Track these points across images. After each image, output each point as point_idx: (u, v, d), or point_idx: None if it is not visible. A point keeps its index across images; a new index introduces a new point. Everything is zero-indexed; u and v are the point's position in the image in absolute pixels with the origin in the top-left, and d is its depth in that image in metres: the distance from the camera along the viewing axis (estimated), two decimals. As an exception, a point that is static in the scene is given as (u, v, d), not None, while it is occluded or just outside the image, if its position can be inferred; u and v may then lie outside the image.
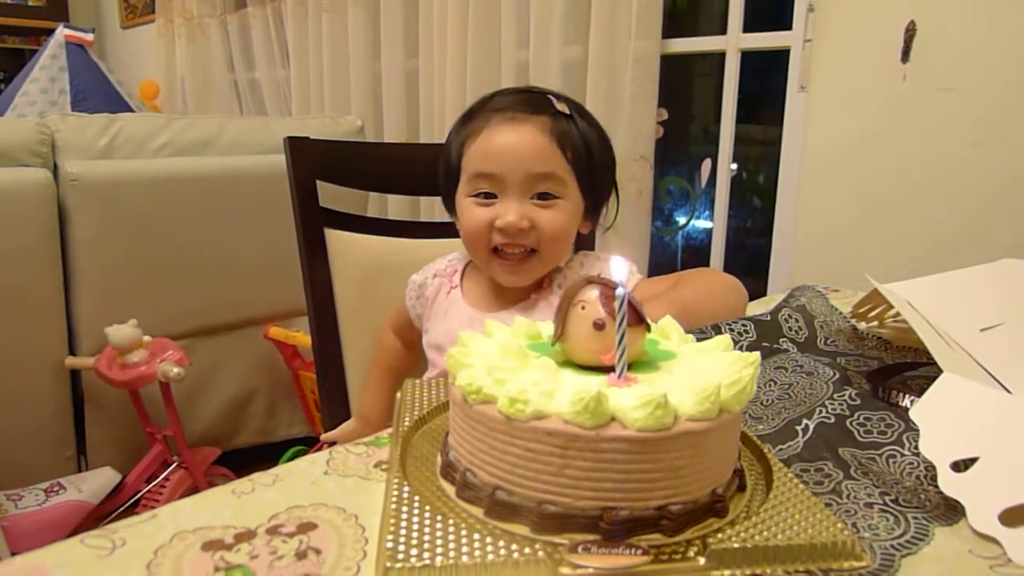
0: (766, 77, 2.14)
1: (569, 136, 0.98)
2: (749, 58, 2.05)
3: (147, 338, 1.82)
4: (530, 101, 1.00)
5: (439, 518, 0.48)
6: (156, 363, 1.79)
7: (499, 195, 0.97)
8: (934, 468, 0.56)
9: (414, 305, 1.15)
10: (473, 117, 1.02)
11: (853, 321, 1.02)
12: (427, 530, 0.47)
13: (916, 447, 0.62)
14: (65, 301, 1.88)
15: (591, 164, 1.00)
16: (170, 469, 1.92)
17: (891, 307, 0.96)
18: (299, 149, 1.22)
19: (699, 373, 0.52)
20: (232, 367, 2.19)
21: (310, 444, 2.25)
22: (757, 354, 0.53)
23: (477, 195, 0.99)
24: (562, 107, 0.99)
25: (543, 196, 0.97)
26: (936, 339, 0.76)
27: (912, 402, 0.66)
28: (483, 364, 0.51)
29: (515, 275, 1.01)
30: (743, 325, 0.92)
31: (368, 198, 2.29)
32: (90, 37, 3.28)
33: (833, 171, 1.85)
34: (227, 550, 0.48)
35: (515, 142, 0.96)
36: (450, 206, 1.07)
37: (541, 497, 0.48)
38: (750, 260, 2.35)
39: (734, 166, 2.13)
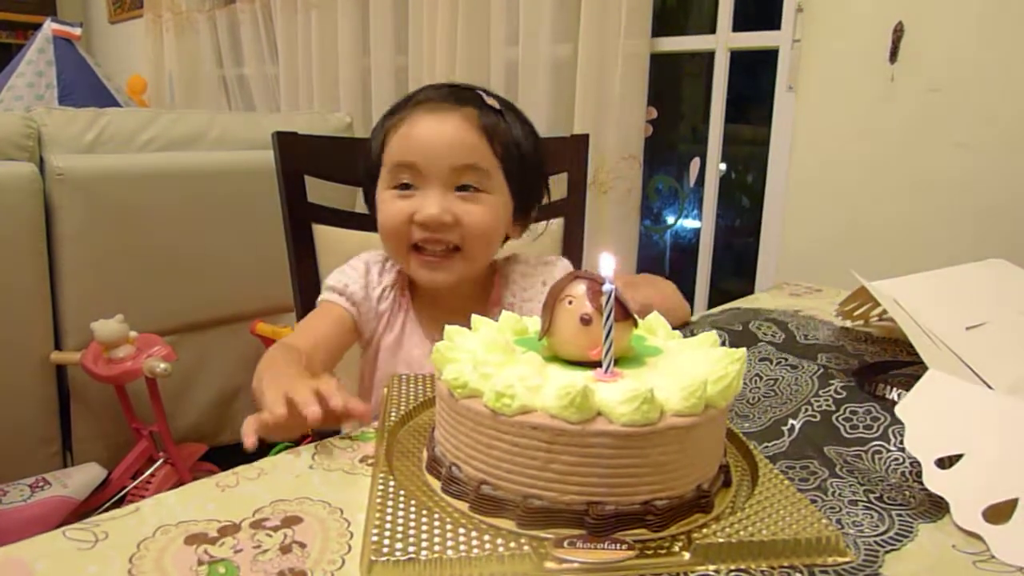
0: (755, 77, 2.15)
1: (497, 130, 0.93)
2: (738, 58, 2.05)
3: (133, 333, 1.81)
4: (457, 94, 0.96)
5: (424, 512, 0.48)
6: (142, 358, 1.78)
7: (420, 187, 0.92)
8: (919, 465, 0.56)
9: (365, 311, 1.00)
10: (397, 110, 0.98)
11: (831, 318, 1.02)
12: (412, 524, 0.47)
13: (902, 441, 0.62)
14: (51, 296, 1.86)
15: (522, 163, 0.95)
16: (156, 465, 1.91)
17: (877, 305, 0.96)
18: (287, 144, 1.21)
19: (685, 369, 0.52)
20: (219, 363, 2.18)
21: (296, 442, 2.23)
22: (743, 350, 0.53)
23: (397, 187, 0.94)
24: (492, 102, 0.95)
25: (466, 188, 0.92)
26: (922, 336, 0.76)
27: (899, 395, 0.66)
28: (469, 359, 0.51)
29: (435, 272, 0.94)
30: (718, 335, 0.92)
31: (356, 194, 2.28)
32: (78, 31, 3.25)
33: (821, 171, 1.86)
34: (211, 544, 0.48)
35: (438, 131, 0.91)
36: (370, 202, 1.02)
37: (527, 492, 0.48)
38: (738, 259, 2.36)
39: (723, 166, 2.14)
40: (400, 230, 0.93)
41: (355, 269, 1.02)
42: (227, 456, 0.69)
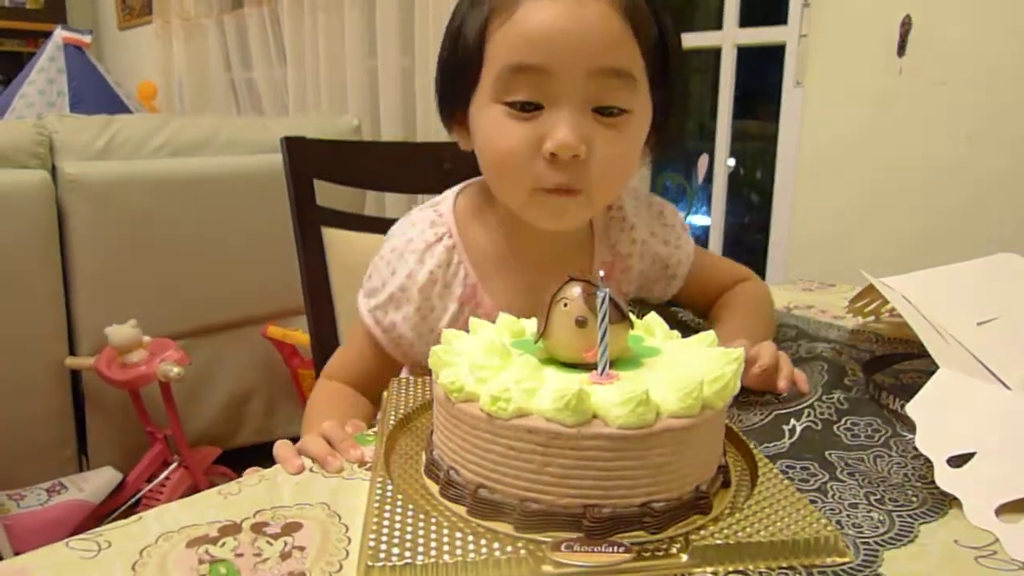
0: (762, 72, 2.14)
1: (644, 17, 0.69)
2: (745, 53, 2.04)
3: (146, 338, 1.82)
4: None
5: (422, 517, 0.48)
6: (156, 363, 1.79)
7: (546, 104, 0.68)
8: (923, 466, 0.56)
9: (420, 346, 0.80)
10: None
11: (844, 322, 1.03)
12: (409, 529, 0.47)
13: (904, 450, 0.62)
14: (65, 302, 1.88)
15: (666, 61, 0.72)
16: (171, 468, 1.92)
17: (887, 302, 0.96)
18: (296, 148, 1.21)
19: (682, 369, 0.52)
20: (231, 366, 2.19)
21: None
22: (741, 351, 0.52)
23: (512, 103, 0.69)
24: None
25: (608, 112, 0.69)
26: (931, 333, 0.76)
27: (902, 406, 0.66)
28: (466, 362, 0.52)
29: (564, 218, 0.73)
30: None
31: (365, 196, 2.29)
32: (88, 39, 3.27)
33: (829, 166, 1.85)
34: (211, 544, 0.49)
35: (574, 21, 0.66)
36: (452, 118, 0.78)
37: (524, 495, 0.48)
38: (747, 256, 2.34)
39: (731, 162, 2.13)
40: (521, 164, 0.69)
41: (406, 293, 0.80)
42: (241, 459, 0.70)
